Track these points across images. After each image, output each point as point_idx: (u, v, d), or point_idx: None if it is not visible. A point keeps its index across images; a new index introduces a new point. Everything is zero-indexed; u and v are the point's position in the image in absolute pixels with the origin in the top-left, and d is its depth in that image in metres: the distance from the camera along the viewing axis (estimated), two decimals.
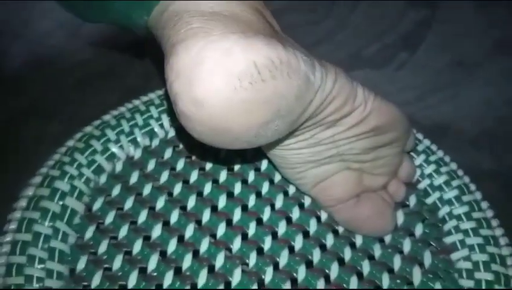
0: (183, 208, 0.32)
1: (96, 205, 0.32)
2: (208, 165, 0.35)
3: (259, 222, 0.32)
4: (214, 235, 0.31)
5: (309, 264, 0.30)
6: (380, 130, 0.29)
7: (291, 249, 0.31)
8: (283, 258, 0.30)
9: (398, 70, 0.66)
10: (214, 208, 0.32)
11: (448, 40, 0.67)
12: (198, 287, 0.28)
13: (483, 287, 0.29)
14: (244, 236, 0.31)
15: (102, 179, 0.33)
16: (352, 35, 0.69)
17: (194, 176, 0.34)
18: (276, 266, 0.30)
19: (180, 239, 0.30)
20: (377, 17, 0.70)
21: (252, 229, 0.31)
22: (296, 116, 0.24)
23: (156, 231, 0.31)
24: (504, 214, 0.41)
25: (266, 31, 0.23)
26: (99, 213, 0.31)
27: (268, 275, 0.29)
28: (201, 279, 0.29)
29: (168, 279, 0.29)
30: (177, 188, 0.33)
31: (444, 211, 0.33)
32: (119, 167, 0.34)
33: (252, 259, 0.30)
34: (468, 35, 0.66)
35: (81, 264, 0.29)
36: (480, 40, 0.65)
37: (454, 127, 0.59)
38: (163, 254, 0.30)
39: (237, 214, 0.32)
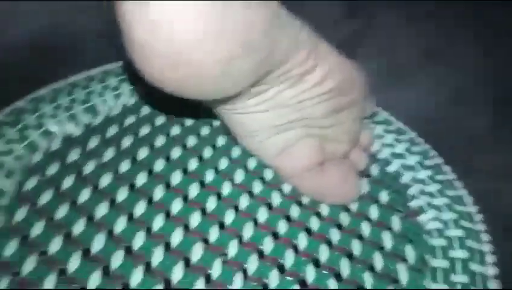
0: (132, 185, 0.29)
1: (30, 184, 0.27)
2: (159, 142, 0.32)
3: (220, 197, 0.29)
4: (168, 213, 0.28)
5: (275, 235, 0.28)
6: (340, 91, 0.28)
7: (256, 222, 0.28)
8: (248, 231, 0.28)
9: None
10: (167, 185, 0.29)
11: (381, 48, 0.70)
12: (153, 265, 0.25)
13: (455, 244, 0.28)
14: (203, 211, 0.28)
15: (37, 156, 0.29)
16: None
17: (143, 153, 0.31)
18: (240, 239, 0.27)
19: (130, 217, 0.27)
20: (313, 25, 0.72)
21: (211, 203, 0.29)
22: (264, 55, 0.22)
23: (102, 210, 0.27)
24: None
25: None
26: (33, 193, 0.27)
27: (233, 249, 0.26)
28: (157, 257, 0.25)
29: (116, 260, 0.25)
30: (125, 165, 0.30)
31: (407, 177, 0.32)
32: (56, 144, 0.30)
33: (214, 234, 0.27)
34: (400, 45, 0.69)
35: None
36: (409, 49, 0.68)
37: None
38: (110, 233, 0.26)
39: (194, 190, 0.29)
